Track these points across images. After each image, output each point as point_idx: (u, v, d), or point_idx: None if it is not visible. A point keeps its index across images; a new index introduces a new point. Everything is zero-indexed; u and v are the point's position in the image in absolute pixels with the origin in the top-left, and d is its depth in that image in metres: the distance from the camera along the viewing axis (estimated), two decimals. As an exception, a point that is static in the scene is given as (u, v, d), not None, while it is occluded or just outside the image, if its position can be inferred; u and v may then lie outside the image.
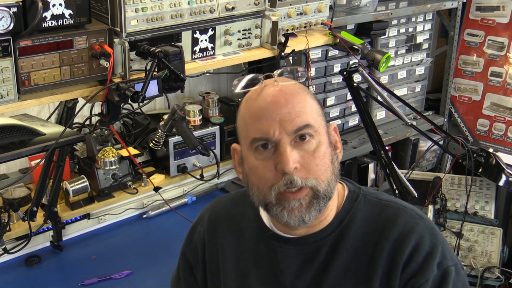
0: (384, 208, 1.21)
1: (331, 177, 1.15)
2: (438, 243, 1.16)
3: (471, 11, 3.39)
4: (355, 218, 1.21)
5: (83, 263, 2.08)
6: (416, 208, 1.24)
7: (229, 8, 2.03)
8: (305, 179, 1.11)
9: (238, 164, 1.23)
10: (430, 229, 1.18)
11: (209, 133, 2.45)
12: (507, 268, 2.29)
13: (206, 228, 1.35)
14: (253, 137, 1.13)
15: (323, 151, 1.14)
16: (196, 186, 2.55)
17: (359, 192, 1.25)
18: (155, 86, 1.81)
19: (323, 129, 1.16)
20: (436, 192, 2.35)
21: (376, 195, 1.25)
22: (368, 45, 2.33)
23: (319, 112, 1.18)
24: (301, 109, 1.13)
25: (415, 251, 1.14)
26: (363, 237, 1.19)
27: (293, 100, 1.13)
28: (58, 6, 1.64)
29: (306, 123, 1.12)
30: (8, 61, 1.59)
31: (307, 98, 1.16)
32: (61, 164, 1.98)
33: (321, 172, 1.13)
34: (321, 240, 1.20)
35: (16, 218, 2.05)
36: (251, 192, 1.18)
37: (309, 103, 1.16)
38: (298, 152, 1.11)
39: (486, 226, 2.37)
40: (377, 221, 1.19)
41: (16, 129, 1.56)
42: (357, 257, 1.18)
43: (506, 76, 3.31)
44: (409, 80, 3.26)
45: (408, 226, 1.17)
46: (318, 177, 1.12)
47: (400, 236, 1.15)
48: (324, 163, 1.13)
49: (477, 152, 2.33)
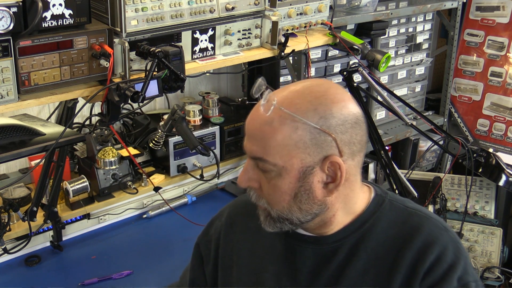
0: (410, 215, 1.20)
1: (289, 209, 1.12)
2: (461, 257, 1.14)
3: (471, 11, 3.39)
4: (378, 221, 1.19)
5: (83, 263, 2.08)
6: (442, 219, 1.22)
7: (229, 8, 2.03)
8: (258, 197, 1.16)
9: None
10: (454, 242, 1.16)
11: (209, 133, 2.45)
12: (507, 268, 2.28)
13: (224, 223, 1.35)
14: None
15: (278, 185, 1.10)
16: (196, 186, 2.55)
17: (385, 197, 1.23)
18: (155, 86, 1.81)
19: (293, 165, 1.08)
20: (436, 192, 2.35)
21: (402, 202, 1.23)
22: (368, 45, 2.33)
23: (300, 145, 1.07)
24: (261, 140, 1.09)
25: (437, 262, 1.13)
26: (385, 242, 1.17)
27: (261, 128, 1.09)
28: (58, 6, 1.64)
29: (259, 156, 1.10)
30: (8, 61, 1.59)
31: (282, 130, 1.07)
32: (61, 164, 1.98)
33: (274, 201, 1.13)
34: (340, 240, 1.19)
35: (16, 218, 2.05)
36: None
37: (279, 138, 1.07)
38: (258, 174, 1.13)
39: (486, 226, 2.37)
40: (401, 227, 1.18)
41: (16, 129, 1.56)
42: (378, 261, 1.16)
43: (506, 76, 3.31)
44: (409, 80, 3.26)
45: (432, 236, 1.15)
46: (270, 202, 1.14)
47: (424, 245, 1.14)
48: (278, 196, 1.12)
49: (477, 152, 2.32)
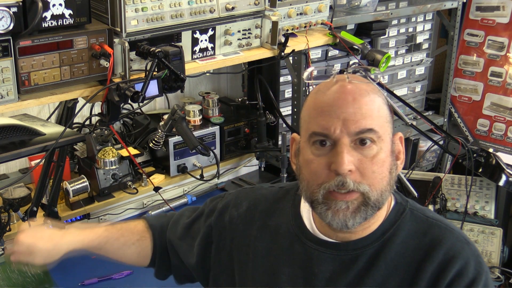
0: (431, 226, 1.16)
1: (386, 187, 1.10)
2: (482, 272, 1.11)
3: (471, 11, 3.39)
4: (399, 231, 1.16)
5: (83, 263, 2.07)
6: (463, 232, 1.19)
7: (229, 8, 2.03)
8: (358, 183, 1.07)
9: (294, 154, 1.19)
10: (476, 256, 1.13)
11: (209, 133, 2.45)
12: (507, 268, 2.28)
13: (243, 216, 1.30)
14: (313, 130, 1.10)
15: (382, 158, 1.09)
16: (196, 186, 2.55)
17: (406, 205, 1.20)
18: (155, 86, 1.80)
19: (387, 136, 1.11)
20: (436, 192, 2.35)
21: (423, 212, 1.20)
22: (368, 45, 2.33)
23: (388, 118, 1.12)
24: (367, 111, 1.08)
25: (459, 276, 1.10)
26: (405, 253, 1.14)
27: (361, 100, 1.08)
28: (58, 6, 1.64)
29: (369, 127, 1.07)
30: (8, 61, 1.59)
31: (377, 102, 1.10)
32: (61, 164, 1.98)
33: (376, 180, 1.08)
34: (361, 248, 1.16)
35: (16, 218, 2.05)
36: (301, 184, 1.15)
37: (378, 107, 1.10)
38: (357, 155, 1.07)
39: (486, 226, 2.36)
40: (422, 239, 1.15)
41: (16, 129, 1.56)
42: (397, 272, 1.13)
43: (506, 76, 3.31)
44: (409, 80, 3.26)
45: (454, 249, 1.12)
46: (372, 184, 1.08)
47: (445, 258, 1.11)
48: (381, 172, 1.09)
49: (477, 152, 2.32)
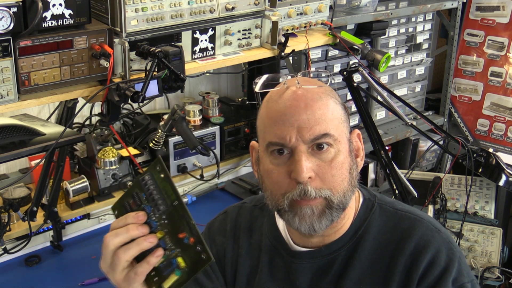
0: (400, 219, 1.17)
1: (347, 188, 1.10)
2: (455, 258, 1.11)
3: (471, 11, 3.39)
4: (370, 228, 1.16)
5: (83, 263, 2.08)
6: (434, 220, 1.19)
7: (229, 8, 2.03)
8: (319, 189, 1.07)
9: (255, 162, 1.19)
10: (447, 243, 1.13)
11: (209, 133, 2.45)
12: (507, 268, 2.28)
13: (229, 238, 1.30)
14: (269, 140, 1.09)
15: (341, 161, 1.09)
16: (196, 186, 2.55)
17: (374, 201, 1.20)
18: (155, 86, 1.80)
19: (344, 137, 1.11)
20: (436, 192, 2.35)
21: (392, 204, 1.20)
22: (368, 45, 2.33)
23: (342, 118, 1.12)
24: (321, 116, 1.07)
25: (431, 266, 1.10)
26: (377, 249, 1.15)
27: (314, 106, 1.08)
28: (58, 6, 1.64)
29: (324, 132, 1.07)
30: (8, 61, 1.59)
31: (330, 104, 1.10)
32: (61, 164, 1.98)
33: (337, 183, 1.08)
34: (336, 251, 1.17)
35: (16, 218, 2.05)
36: (265, 193, 1.15)
37: (331, 109, 1.10)
38: (315, 161, 1.07)
39: (486, 226, 2.36)
40: (393, 232, 1.15)
41: (16, 129, 1.56)
42: (372, 269, 1.14)
43: (506, 76, 3.31)
44: (409, 80, 3.25)
45: (424, 239, 1.12)
46: (333, 187, 1.08)
47: (416, 249, 1.11)
48: (340, 174, 1.08)
49: (477, 152, 2.32)
